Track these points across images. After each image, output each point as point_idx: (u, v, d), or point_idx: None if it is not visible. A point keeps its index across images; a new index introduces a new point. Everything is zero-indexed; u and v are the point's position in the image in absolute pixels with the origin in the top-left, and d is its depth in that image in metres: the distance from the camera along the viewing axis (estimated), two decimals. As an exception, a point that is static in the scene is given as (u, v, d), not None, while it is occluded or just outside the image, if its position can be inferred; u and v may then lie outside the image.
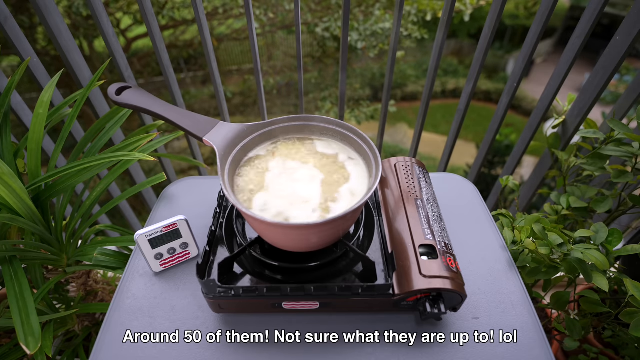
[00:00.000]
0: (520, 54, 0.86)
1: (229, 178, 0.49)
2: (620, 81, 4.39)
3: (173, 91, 1.01)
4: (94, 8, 0.82)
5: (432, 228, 0.51)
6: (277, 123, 0.56)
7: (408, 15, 3.47)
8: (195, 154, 1.19)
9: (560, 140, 0.94)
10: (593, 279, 0.58)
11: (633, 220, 0.97)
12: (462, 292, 0.45)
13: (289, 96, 4.58)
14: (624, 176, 0.72)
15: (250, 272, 0.51)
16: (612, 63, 0.76)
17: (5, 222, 0.64)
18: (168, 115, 0.53)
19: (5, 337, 0.87)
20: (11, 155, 0.73)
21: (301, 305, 0.49)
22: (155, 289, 0.55)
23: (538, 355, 0.47)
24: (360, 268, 0.51)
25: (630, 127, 0.71)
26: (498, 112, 0.99)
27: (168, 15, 3.48)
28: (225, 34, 4.21)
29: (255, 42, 0.89)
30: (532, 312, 0.51)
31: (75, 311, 0.74)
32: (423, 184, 0.58)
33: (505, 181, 0.86)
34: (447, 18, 0.82)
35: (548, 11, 0.76)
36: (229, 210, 0.58)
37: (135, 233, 0.53)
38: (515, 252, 0.65)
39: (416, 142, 1.13)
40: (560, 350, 0.93)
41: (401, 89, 5.35)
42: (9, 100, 0.73)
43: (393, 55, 0.91)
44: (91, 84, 0.76)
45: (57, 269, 0.82)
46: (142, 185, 0.79)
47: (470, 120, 4.95)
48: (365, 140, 0.52)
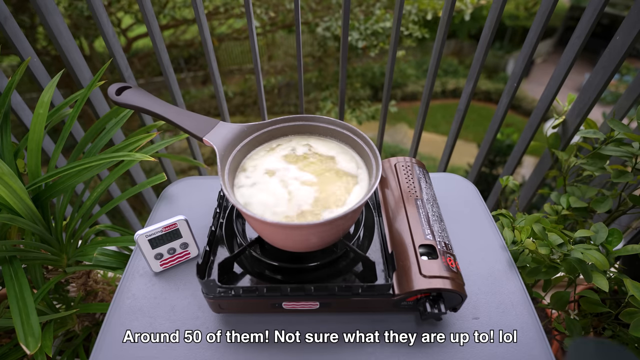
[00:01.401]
0: (520, 54, 0.86)
1: (229, 178, 0.49)
2: (620, 81, 4.38)
3: (173, 91, 1.01)
4: (94, 8, 0.82)
5: (432, 228, 0.51)
6: (277, 123, 0.56)
7: (409, 15, 3.47)
8: (195, 154, 1.19)
9: (560, 140, 0.94)
10: (593, 279, 0.58)
11: (633, 220, 0.97)
12: (462, 292, 0.45)
13: (289, 96, 4.58)
14: (624, 176, 0.72)
15: (250, 272, 0.51)
16: (612, 63, 0.76)
17: (5, 222, 0.64)
18: (168, 115, 0.53)
19: (5, 337, 0.87)
20: (11, 155, 0.73)
21: (301, 305, 0.49)
22: (155, 289, 0.55)
23: (538, 355, 0.47)
24: (360, 268, 0.51)
25: (630, 127, 0.71)
26: (498, 112, 0.99)
27: (169, 15, 3.48)
28: (226, 34, 4.21)
29: (255, 41, 0.89)
30: (532, 312, 0.51)
31: (75, 311, 0.74)
32: (423, 184, 0.58)
33: (505, 181, 0.86)
34: (447, 17, 0.82)
35: (548, 11, 0.76)
36: (229, 210, 0.58)
37: (135, 233, 0.53)
38: (515, 252, 0.65)
39: (416, 142, 1.13)
40: (560, 350, 0.93)
41: (401, 89, 5.34)
42: (9, 100, 0.73)
43: (393, 55, 0.91)
44: (92, 84, 0.76)
45: (57, 269, 0.82)
46: (142, 186, 0.79)
47: (470, 120, 4.95)
48: (365, 140, 0.52)
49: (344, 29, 0.86)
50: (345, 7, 0.82)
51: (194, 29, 4.05)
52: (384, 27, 3.48)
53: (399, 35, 0.87)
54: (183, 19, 3.69)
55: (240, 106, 4.60)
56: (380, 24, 3.48)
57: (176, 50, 4.22)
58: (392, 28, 0.86)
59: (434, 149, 4.37)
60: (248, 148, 0.55)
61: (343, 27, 0.85)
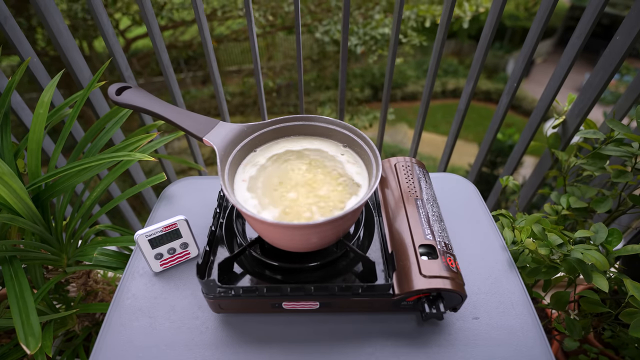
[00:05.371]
0: (520, 54, 0.86)
1: (229, 178, 0.49)
2: (620, 81, 4.39)
3: (173, 91, 1.01)
4: (94, 8, 0.82)
5: (432, 228, 0.51)
6: (277, 123, 0.56)
7: (408, 20, 3.46)
8: (195, 154, 1.19)
9: (560, 140, 0.94)
10: (593, 279, 0.58)
11: (633, 220, 0.97)
12: (462, 292, 0.45)
13: (288, 97, 4.58)
14: (624, 176, 0.72)
15: (250, 272, 0.51)
16: (612, 63, 0.76)
17: (5, 222, 0.64)
18: (168, 115, 0.53)
19: (5, 337, 0.87)
20: (11, 155, 0.73)
21: (301, 305, 0.49)
22: (155, 289, 0.55)
23: (538, 355, 0.47)
24: (360, 268, 0.51)
25: (630, 127, 0.71)
26: (498, 112, 0.99)
27: (167, 17, 3.48)
28: (225, 35, 4.21)
29: (255, 42, 0.89)
30: (532, 312, 0.51)
31: (75, 311, 0.74)
32: (423, 184, 0.58)
33: (506, 181, 0.86)
34: (447, 17, 0.82)
35: (548, 11, 0.76)
36: (229, 210, 0.58)
37: (135, 233, 0.53)
38: (515, 252, 0.65)
39: (416, 142, 1.13)
40: (560, 350, 0.93)
41: (401, 89, 5.35)
42: (9, 100, 0.73)
43: (393, 57, 0.91)
44: (91, 84, 0.76)
45: (57, 269, 0.82)
46: (142, 186, 0.79)
47: (470, 120, 4.95)
48: (365, 140, 0.52)
49: (344, 29, 0.86)
50: (345, 8, 0.82)
51: (192, 30, 4.05)
52: (383, 33, 3.47)
53: (398, 35, 0.87)
54: (181, 21, 3.69)
55: (240, 106, 4.60)
56: (379, 29, 3.47)
57: (176, 51, 4.22)
58: (392, 28, 0.86)
59: (434, 149, 4.38)
60: (248, 148, 0.55)
61: (343, 28, 0.85)
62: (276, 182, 0.51)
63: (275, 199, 0.48)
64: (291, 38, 4.41)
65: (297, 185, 0.50)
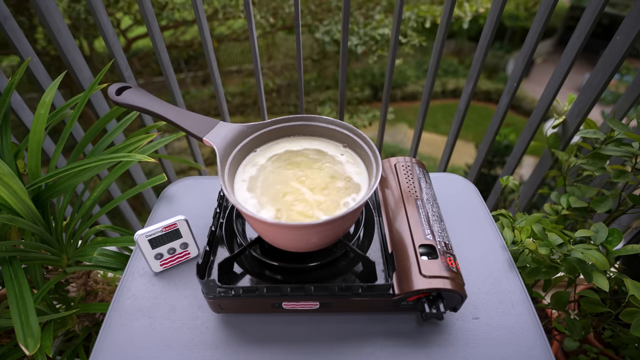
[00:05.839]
0: (520, 54, 0.86)
1: (229, 178, 0.49)
2: (620, 81, 4.38)
3: (173, 91, 1.01)
4: (94, 8, 0.82)
5: (432, 228, 0.51)
6: (277, 123, 0.56)
7: (408, 20, 3.46)
8: (195, 154, 1.19)
9: (560, 140, 0.94)
10: (593, 279, 0.58)
11: (633, 220, 0.97)
12: (462, 292, 0.45)
13: (288, 96, 4.58)
14: (624, 176, 0.72)
15: (250, 272, 0.51)
16: (612, 63, 0.76)
17: (5, 222, 0.64)
18: (168, 115, 0.53)
19: (5, 337, 0.87)
20: (11, 155, 0.73)
21: (301, 305, 0.49)
22: (155, 289, 0.55)
23: (538, 355, 0.47)
24: (360, 268, 0.51)
25: (630, 127, 0.71)
26: (498, 112, 0.99)
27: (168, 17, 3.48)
28: (225, 35, 4.21)
29: (255, 42, 0.89)
30: (532, 312, 0.51)
31: (75, 311, 0.74)
32: (423, 184, 0.58)
33: (505, 181, 0.86)
34: (446, 17, 0.82)
35: (548, 11, 0.76)
36: (229, 210, 0.58)
37: (135, 233, 0.53)
38: (515, 252, 0.65)
39: (416, 142, 1.13)
40: (560, 350, 0.93)
41: (401, 89, 5.35)
42: (9, 100, 0.73)
43: (393, 57, 0.91)
44: (92, 87, 0.76)
45: (57, 269, 0.82)
46: (143, 186, 0.79)
47: (470, 120, 4.94)
48: (365, 140, 0.52)
49: (344, 29, 0.86)
50: (345, 8, 0.82)
51: (193, 30, 4.05)
52: (383, 33, 3.48)
53: (399, 35, 0.87)
54: (182, 20, 3.69)
55: (240, 106, 4.60)
56: (379, 30, 3.47)
57: (176, 51, 4.23)
58: (392, 28, 0.86)
59: (434, 149, 4.37)
60: (248, 148, 0.55)
61: (343, 28, 0.85)
62: (276, 182, 0.51)
63: (275, 199, 0.48)
64: (291, 38, 4.41)
65: (296, 186, 0.50)
